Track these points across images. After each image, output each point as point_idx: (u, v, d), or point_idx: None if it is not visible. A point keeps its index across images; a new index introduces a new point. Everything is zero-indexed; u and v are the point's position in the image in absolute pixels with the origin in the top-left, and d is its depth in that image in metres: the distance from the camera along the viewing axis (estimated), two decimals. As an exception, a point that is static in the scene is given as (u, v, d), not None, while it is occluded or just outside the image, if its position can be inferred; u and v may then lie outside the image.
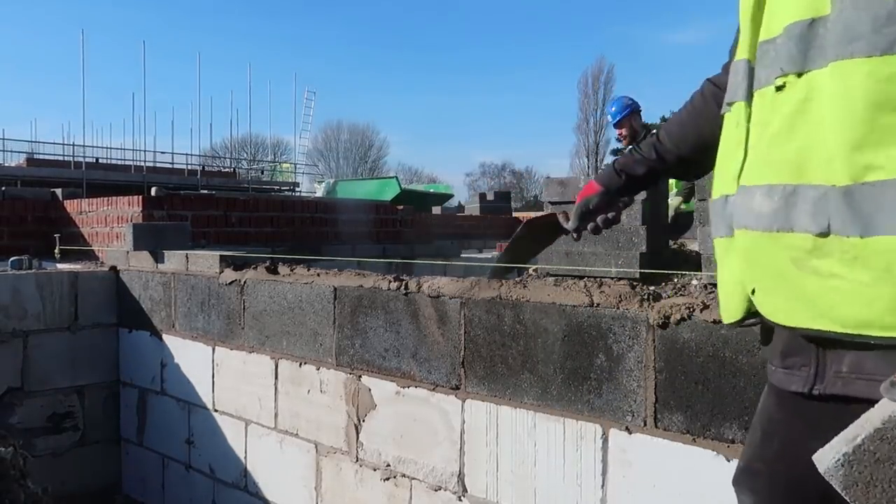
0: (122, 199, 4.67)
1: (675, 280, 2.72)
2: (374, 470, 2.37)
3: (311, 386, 2.60)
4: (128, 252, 3.53)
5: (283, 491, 2.75)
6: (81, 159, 19.80)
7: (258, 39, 70.22)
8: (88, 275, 3.53)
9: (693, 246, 3.19)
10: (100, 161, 22.04)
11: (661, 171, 1.33)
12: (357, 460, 2.43)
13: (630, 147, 1.26)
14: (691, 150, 1.25)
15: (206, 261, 3.09)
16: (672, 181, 5.23)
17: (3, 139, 24.32)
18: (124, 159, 23.85)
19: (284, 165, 32.68)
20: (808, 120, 0.77)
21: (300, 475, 2.66)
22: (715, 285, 2.47)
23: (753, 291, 0.86)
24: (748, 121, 0.88)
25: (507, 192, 14.03)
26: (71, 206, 5.13)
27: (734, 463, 1.55)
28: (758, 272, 0.85)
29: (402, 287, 2.25)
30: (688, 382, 1.62)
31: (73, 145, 20.67)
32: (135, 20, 64.67)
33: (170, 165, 23.93)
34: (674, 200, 4.95)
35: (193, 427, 3.19)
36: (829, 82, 0.74)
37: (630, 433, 1.73)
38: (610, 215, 1.41)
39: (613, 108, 5.12)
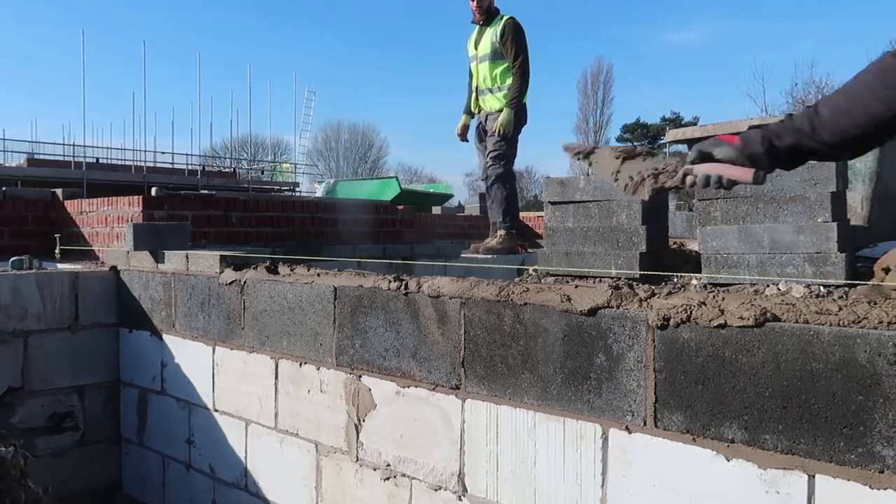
0: (122, 199, 4.67)
1: (675, 280, 2.72)
2: (374, 470, 2.38)
3: (311, 386, 2.60)
4: (128, 252, 3.53)
5: (284, 490, 2.75)
6: (82, 159, 19.79)
7: (258, 40, 70.30)
8: (89, 275, 3.54)
9: (693, 246, 3.20)
10: (100, 161, 22.04)
11: (809, 148, 1.18)
12: (357, 460, 2.44)
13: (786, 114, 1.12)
14: (854, 127, 1.12)
15: (206, 261, 3.09)
16: None
17: (4, 139, 24.35)
18: (124, 159, 23.87)
19: (284, 165, 32.70)
20: None
21: (300, 475, 2.66)
22: (715, 285, 2.47)
23: None
24: None
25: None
26: (71, 206, 5.13)
27: (734, 462, 1.56)
28: None
29: (402, 287, 2.25)
30: (687, 382, 1.62)
31: (74, 145, 20.68)
32: (135, 20, 64.76)
33: (170, 165, 23.94)
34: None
35: (194, 427, 3.19)
36: None
37: (630, 433, 1.73)
38: (726, 180, 1.25)
39: None
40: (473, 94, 5.51)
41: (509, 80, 5.24)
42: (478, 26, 5.43)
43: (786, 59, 65.24)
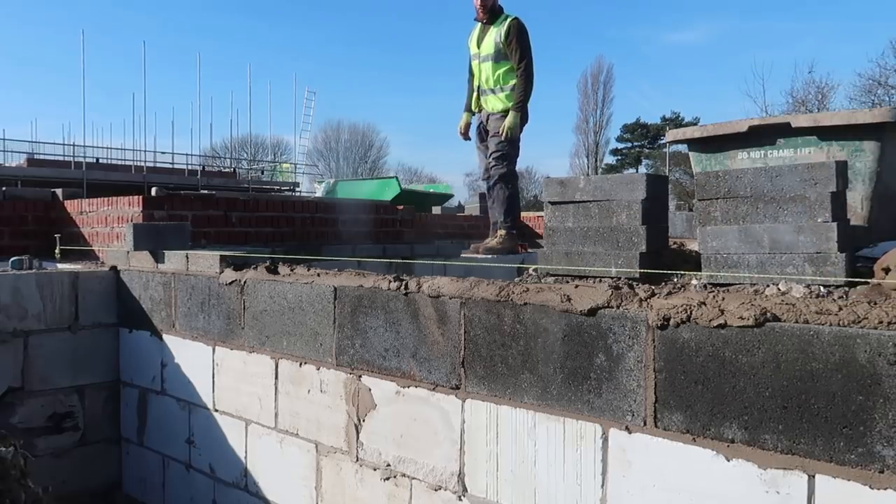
0: (122, 199, 4.67)
1: (675, 280, 2.72)
2: (375, 470, 2.38)
3: (311, 386, 2.60)
4: (128, 252, 3.53)
5: (284, 490, 2.75)
6: (82, 159, 19.80)
7: (258, 40, 70.33)
8: (89, 275, 3.54)
9: (693, 246, 3.20)
10: (100, 161, 22.05)
11: None
12: (357, 460, 2.44)
13: None
14: None
15: (206, 261, 3.09)
16: None
17: (4, 139, 24.36)
18: (124, 159, 23.89)
19: (284, 165, 32.71)
20: None
21: (300, 475, 2.66)
22: (715, 285, 2.47)
23: None
24: None
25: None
26: (71, 206, 5.13)
27: (734, 462, 1.56)
28: None
29: (402, 287, 2.25)
30: (687, 382, 1.62)
31: (74, 145, 20.70)
32: (135, 20, 64.78)
33: (170, 165, 23.95)
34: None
35: (194, 427, 3.19)
36: None
37: (630, 433, 1.73)
38: None
39: None
40: (475, 93, 5.49)
41: (512, 81, 5.21)
42: (480, 24, 5.41)
43: (786, 59, 65.33)
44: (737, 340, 1.54)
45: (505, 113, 5.21)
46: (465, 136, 5.66)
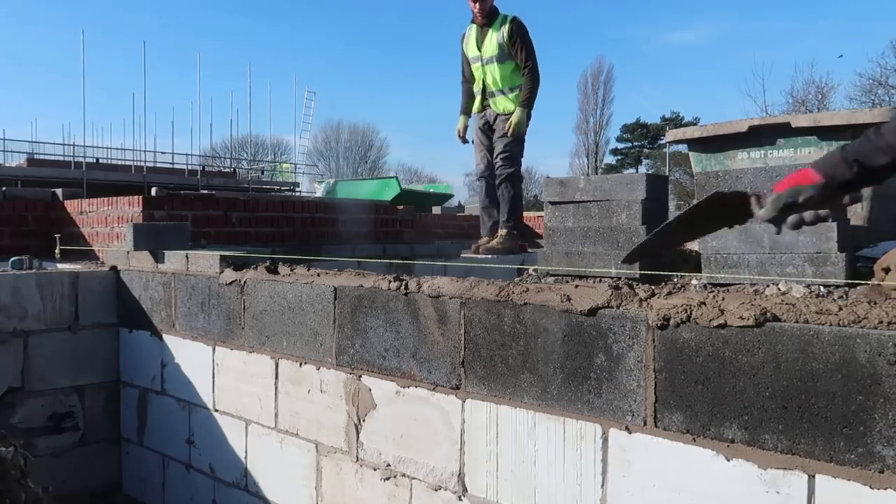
0: (122, 199, 4.67)
1: (675, 280, 2.72)
2: (375, 470, 2.38)
3: (311, 386, 2.60)
4: (128, 252, 3.53)
5: (284, 490, 2.75)
6: (82, 159, 19.82)
7: (258, 40, 70.36)
8: (89, 275, 3.53)
9: (693, 246, 3.19)
10: (100, 161, 22.06)
11: None
12: (357, 460, 2.44)
13: (870, 130, 1.16)
14: None
15: (206, 261, 3.09)
16: None
17: (4, 139, 24.38)
18: (124, 159, 23.92)
19: (284, 165, 32.74)
20: None
21: (300, 475, 2.66)
22: (715, 285, 2.47)
23: None
24: None
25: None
26: (71, 206, 5.13)
27: (734, 462, 1.56)
28: None
29: (402, 287, 2.25)
30: (687, 382, 1.62)
31: (74, 145, 20.72)
32: (135, 20, 64.81)
33: (170, 165, 23.97)
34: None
35: (194, 427, 3.19)
36: None
37: (630, 433, 1.73)
38: (823, 212, 1.18)
39: None
40: (479, 96, 5.46)
41: (520, 81, 5.22)
42: (477, 27, 5.40)
43: (786, 59, 65.40)
44: (737, 340, 1.54)
45: None
46: (464, 139, 5.66)
